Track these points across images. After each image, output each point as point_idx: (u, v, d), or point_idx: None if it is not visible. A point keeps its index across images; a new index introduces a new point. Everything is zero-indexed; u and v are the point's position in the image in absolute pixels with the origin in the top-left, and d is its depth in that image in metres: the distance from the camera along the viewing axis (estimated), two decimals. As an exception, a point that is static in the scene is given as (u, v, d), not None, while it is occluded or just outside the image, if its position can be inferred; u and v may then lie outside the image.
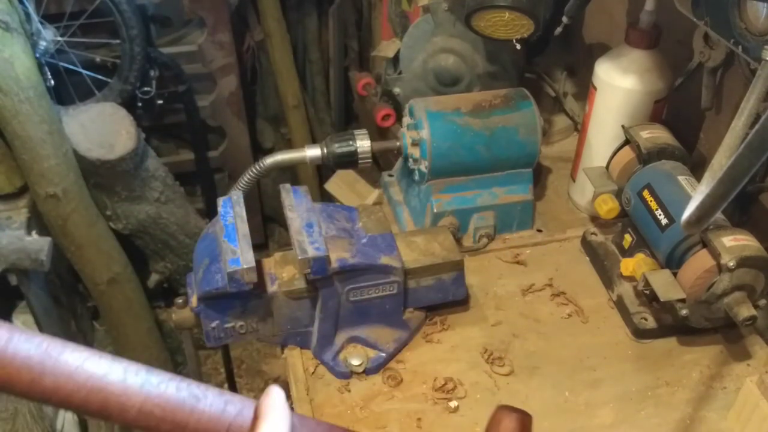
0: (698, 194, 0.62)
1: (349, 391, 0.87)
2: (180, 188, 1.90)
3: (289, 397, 0.80)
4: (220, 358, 1.90)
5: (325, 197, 1.62)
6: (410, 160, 1.08)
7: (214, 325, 0.86)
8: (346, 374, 0.88)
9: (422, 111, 1.05)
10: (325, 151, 1.06)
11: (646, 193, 0.95)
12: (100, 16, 1.76)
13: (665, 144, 0.98)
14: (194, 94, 2.02)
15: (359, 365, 0.88)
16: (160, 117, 2.01)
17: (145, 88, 1.87)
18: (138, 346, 1.82)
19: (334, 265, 0.84)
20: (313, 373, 0.89)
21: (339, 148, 1.05)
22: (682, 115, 1.11)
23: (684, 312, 0.86)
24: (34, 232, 1.47)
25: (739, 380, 0.87)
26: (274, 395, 0.38)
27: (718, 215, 0.85)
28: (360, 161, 1.05)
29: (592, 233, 1.07)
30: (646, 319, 0.94)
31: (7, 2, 1.39)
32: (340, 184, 1.53)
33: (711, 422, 0.84)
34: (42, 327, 1.55)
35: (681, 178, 0.93)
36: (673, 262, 0.90)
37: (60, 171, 1.49)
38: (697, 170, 0.96)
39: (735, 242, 0.83)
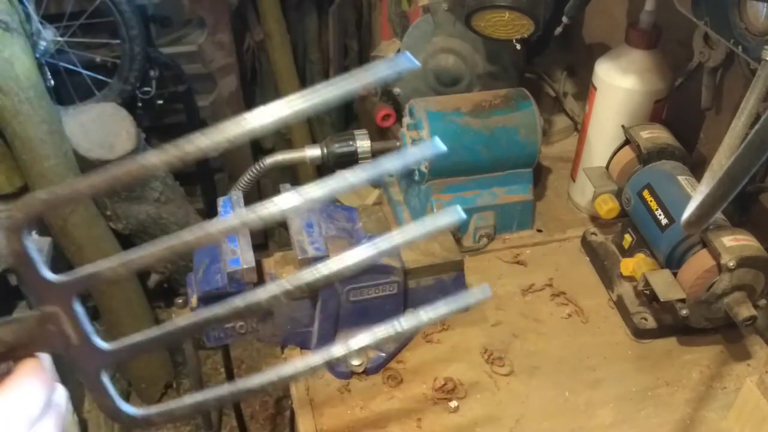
0: (698, 194, 0.62)
1: (349, 391, 0.87)
2: (180, 188, 1.91)
3: (288, 396, 0.80)
4: (220, 358, 1.91)
5: (325, 197, 1.62)
6: (410, 160, 1.08)
7: (213, 325, 0.86)
8: (346, 374, 0.88)
9: (422, 111, 1.05)
10: (325, 151, 1.06)
11: (646, 193, 0.95)
12: (100, 16, 1.76)
13: (665, 144, 0.98)
14: (194, 94, 2.02)
15: (359, 365, 0.88)
16: (160, 117, 2.01)
17: (145, 88, 1.87)
18: (138, 346, 1.82)
19: (334, 265, 0.83)
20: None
21: (339, 148, 1.05)
22: (682, 115, 1.11)
23: (684, 312, 0.86)
24: (34, 232, 1.46)
25: (739, 380, 0.87)
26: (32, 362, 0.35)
27: (718, 215, 0.85)
28: (360, 161, 1.05)
29: (592, 233, 1.07)
30: (646, 319, 0.94)
31: (7, 2, 1.39)
32: (340, 184, 1.52)
33: (711, 422, 0.84)
34: (42, 327, 1.55)
35: (681, 178, 0.93)
36: (673, 262, 0.90)
37: (60, 171, 1.49)
38: (697, 170, 0.96)
39: (735, 242, 0.83)
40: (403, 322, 0.37)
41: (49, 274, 0.35)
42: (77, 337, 0.35)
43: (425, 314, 0.38)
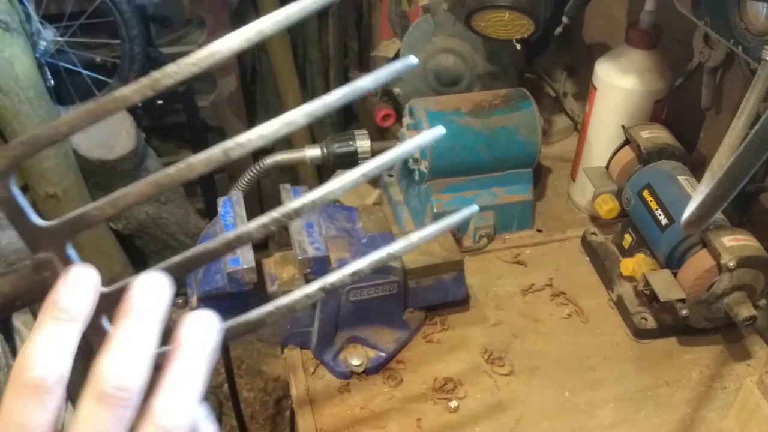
0: (698, 194, 0.62)
1: (349, 391, 0.87)
2: (180, 188, 1.91)
3: (288, 396, 0.80)
4: (221, 358, 1.91)
5: (325, 197, 1.62)
6: (410, 160, 1.08)
7: (214, 325, 0.86)
8: (346, 374, 0.88)
9: (422, 111, 1.05)
10: (325, 151, 1.06)
11: (646, 193, 0.95)
12: (100, 16, 1.76)
13: (665, 144, 0.98)
14: (194, 94, 2.02)
15: (359, 365, 0.88)
16: (160, 117, 2.02)
17: (145, 89, 1.87)
18: (138, 346, 1.82)
19: (334, 265, 0.84)
20: (313, 373, 0.89)
21: (339, 148, 1.05)
22: (682, 115, 1.11)
23: (684, 312, 0.86)
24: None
25: (739, 380, 0.87)
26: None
27: (718, 215, 0.85)
28: (360, 161, 1.06)
29: (592, 233, 1.07)
30: (646, 319, 0.94)
31: (7, 2, 1.39)
32: (340, 184, 1.53)
33: (711, 422, 0.84)
34: (42, 327, 1.55)
35: (681, 178, 0.93)
36: (673, 262, 0.90)
37: (60, 171, 1.49)
38: (697, 170, 0.96)
39: (735, 242, 0.83)
40: (395, 245, 0.37)
41: (39, 220, 0.35)
42: None
43: (415, 235, 0.38)
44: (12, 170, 0.33)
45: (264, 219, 0.36)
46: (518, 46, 1.10)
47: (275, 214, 0.35)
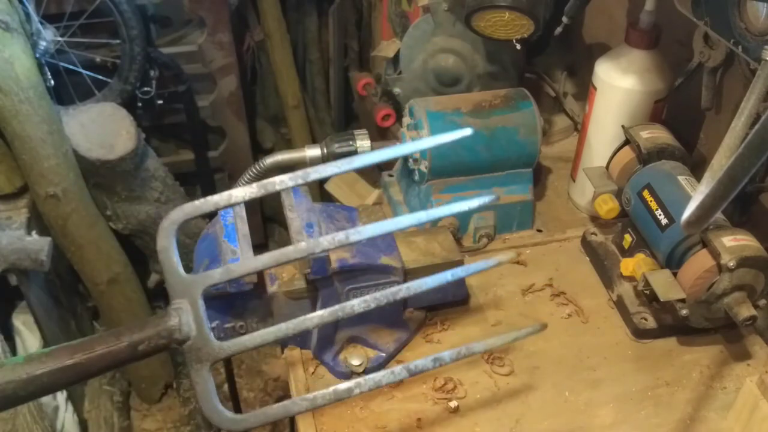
0: (698, 194, 0.62)
1: (349, 391, 0.87)
2: (180, 188, 1.90)
3: (288, 396, 0.80)
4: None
5: (325, 197, 1.62)
6: (410, 160, 1.08)
7: (214, 325, 0.86)
8: (346, 374, 0.88)
9: (422, 111, 1.05)
10: (325, 151, 1.06)
11: (646, 193, 0.95)
12: (100, 16, 1.76)
13: (665, 144, 0.98)
14: (194, 94, 2.02)
15: (359, 365, 0.88)
16: (160, 117, 2.01)
17: (145, 88, 1.87)
18: (138, 346, 1.82)
19: (334, 265, 0.84)
20: (313, 373, 0.89)
21: (339, 148, 1.05)
22: (682, 115, 1.11)
23: (684, 312, 0.86)
24: (34, 232, 1.47)
25: (739, 380, 0.88)
26: None
27: (718, 215, 0.85)
28: (360, 161, 1.05)
29: (592, 233, 1.07)
30: (646, 319, 0.94)
31: (7, 2, 1.39)
32: (340, 184, 1.53)
33: (711, 422, 0.84)
34: (42, 327, 1.55)
35: (681, 178, 0.93)
36: (673, 262, 0.90)
37: (60, 171, 1.49)
38: (697, 170, 0.96)
39: (735, 242, 0.83)
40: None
41: (182, 271, 0.41)
42: (196, 329, 0.40)
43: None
44: (180, 228, 0.40)
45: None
46: (518, 46, 1.10)
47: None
